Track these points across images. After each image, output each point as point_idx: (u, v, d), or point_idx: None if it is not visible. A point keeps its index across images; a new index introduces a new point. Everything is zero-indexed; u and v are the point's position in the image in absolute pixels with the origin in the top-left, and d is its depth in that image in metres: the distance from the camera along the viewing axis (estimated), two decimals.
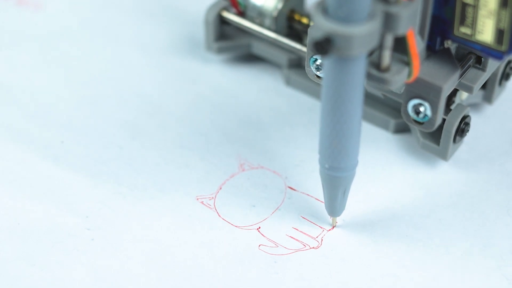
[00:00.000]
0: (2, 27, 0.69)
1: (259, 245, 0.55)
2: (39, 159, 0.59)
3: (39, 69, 0.66)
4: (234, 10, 0.65)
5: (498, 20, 0.49)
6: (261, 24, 0.63)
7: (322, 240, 0.55)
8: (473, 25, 0.51)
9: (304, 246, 0.55)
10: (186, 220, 0.56)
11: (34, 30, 0.69)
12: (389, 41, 0.48)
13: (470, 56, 0.54)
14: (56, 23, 0.70)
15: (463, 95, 0.60)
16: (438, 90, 0.52)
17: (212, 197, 0.57)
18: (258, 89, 0.65)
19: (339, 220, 0.56)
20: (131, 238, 0.55)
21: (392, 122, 0.61)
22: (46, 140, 0.61)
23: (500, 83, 0.61)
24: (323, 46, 0.45)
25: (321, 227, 0.56)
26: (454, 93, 0.59)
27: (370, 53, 0.50)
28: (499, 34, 0.50)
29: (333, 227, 0.56)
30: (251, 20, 0.63)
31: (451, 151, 0.58)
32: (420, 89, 0.53)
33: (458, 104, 0.57)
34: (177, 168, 0.59)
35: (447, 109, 0.57)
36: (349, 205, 0.57)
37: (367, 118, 0.62)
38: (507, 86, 0.64)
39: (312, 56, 0.55)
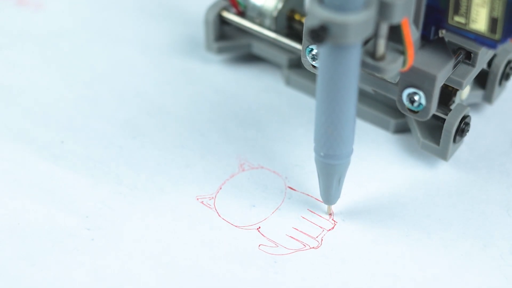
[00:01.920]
0: (2, 27, 0.69)
1: (259, 245, 0.55)
2: (39, 159, 0.59)
3: (39, 69, 0.66)
4: (234, 10, 0.65)
5: (492, 9, 0.50)
6: (261, 24, 0.63)
7: (322, 240, 0.55)
8: (467, 14, 0.51)
9: (304, 246, 0.55)
10: (186, 220, 0.56)
11: (34, 30, 0.69)
12: (384, 29, 0.49)
13: (460, 51, 0.55)
14: (56, 23, 0.70)
15: (463, 95, 0.60)
16: (432, 79, 0.53)
17: (212, 197, 0.57)
18: (258, 89, 0.65)
19: (339, 220, 0.56)
20: (131, 238, 0.55)
21: (392, 122, 0.61)
22: (46, 140, 0.61)
23: (500, 83, 0.61)
24: (319, 34, 0.46)
25: (321, 227, 0.56)
26: (454, 93, 0.59)
27: (366, 42, 0.51)
28: (493, 23, 0.50)
29: (334, 227, 0.56)
30: (251, 20, 0.63)
31: (451, 151, 0.58)
32: (415, 78, 0.53)
33: (458, 104, 0.57)
34: (177, 168, 0.59)
35: (447, 109, 0.57)
36: (349, 205, 0.57)
37: (367, 118, 0.62)
38: (507, 86, 0.64)
39: (308, 46, 0.55)
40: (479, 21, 0.51)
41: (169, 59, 0.67)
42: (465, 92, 0.60)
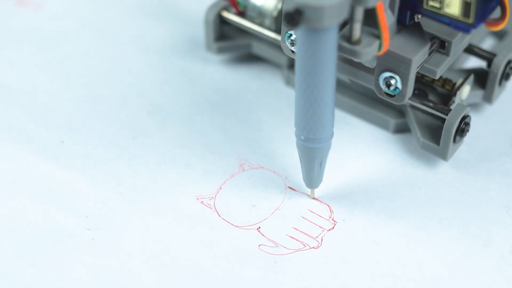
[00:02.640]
0: (2, 27, 0.69)
1: (259, 245, 0.55)
2: (39, 159, 0.59)
3: (39, 69, 0.66)
4: (234, 10, 0.65)
5: None
6: (261, 24, 0.63)
7: (322, 240, 0.55)
8: None
9: (304, 246, 0.55)
10: (186, 220, 0.56)
11: (34, 30, 0.69)
12: (359, 14, 0.50)
13: (434, 40, 0.55)
14: (56, 23, 0.70)
15: (463, 95, 0.60)
16: (408, 63, 0.53)
17: (212, 197, 0.57)
18: (258, 89, 0.65)
19: (339, 219, 0.56)
20: (131, 238, 0.55)
21: (392, 122, 0.61)
22: (46, 140, 0.61)
23: (500, 83, 0.61)
24: (294, 17, 0.47)
25: (321, 227, 0.56)
26: (454, 93, 0.59)
27: (342, 27, 0.52)
28: (466, 7, 0.51)
29: (334, 227, 0.56)
30: (251, 20, 0.63)
31: (451, 151, 0.58)
32: (391, 62, 0.54)
33: (458, 104, 0.57)
34: (177, 168, 0.59)
35: (447, 109, 0.57)
36: (349, 205, 0.57)
37: (367, 118, 0.62)
38: (507, 86, 0.64)
39: (287, 32, 0.56)
40: (453, 5, 0.51)
41: (169, 59, 0.67)
42: (465, 92, 0.60)
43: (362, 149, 0.61)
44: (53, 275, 0.53)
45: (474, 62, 0.66)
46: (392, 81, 0.54)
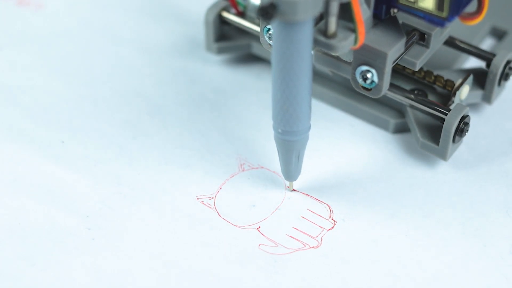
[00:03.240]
0: (2, 27, 0.69)
1: (259, 245, 0.55)
2: (40, 159, 0.59)
3: (39, 69, 0.66)
4: (234, 10, 0.65)
5: None
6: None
7: (322, 239, 0.55)
8: None
9: (304, 246, 0.55)
10: (186, 220, 0.56)
11: (34, 30, 0.69)
12: (334, 7, 0.50)
13: (414, 33, 0.56)
14: (57, 23, 0.70)
15: (462, 95, 0.60)
16: (383, 56, 0.54)
17: (212, 197, 0.57)
18: (258, 89, 0.65)
19: (339, 219, 0.56)
20: (131, 237, 0.55)
21: (391, 122, 0.61)
22: (46, 140, 0.61)
23: (499, 83, 0.61)
24: (268, 11, 0.47)
25: (321, 227, 0.56)
26: (453, 93, 0.59)
27: (318, 21, 0.52)
28: (440, 1, 0.51)
29: (334, 226, 0.56)
30: (251, 20, 0.63)
31: (451, 151, 0.58)
32: (367, 55, 0.54)
33: (458, 104, 0.57)
34: (177, 168, 0.59)
35: (447, 109, 0.57)
36: (349, 205, 0.57)
37: (367, 118, 0.62)
38: (507, 86, 0.64)
39: (265, 26, 0.57)
40: None
41: (169, 59, 0.67)
42: (464, 92, 0.60)
43: (362, 149, 0.61)
44: (54, 275, 0.53)
45: (473, 62, 0.66)
46: (369, 75, 0.55)
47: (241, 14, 0.64)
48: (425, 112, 0.59)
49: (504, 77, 0.61)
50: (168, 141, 0.61)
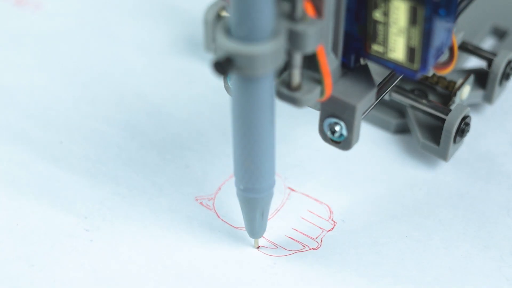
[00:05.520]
0: (2, 27, 0.69)
1: (259, 246, 0.55)
2: (38, 159, 0.59)
3: (38, 69, 0.66)
4: None
5: (409, 38, 0.48)
6: None
7: (321, 241, 0.55)
8: (385, 43, 0.49)
9: (303, 247, 0.55)
10: (185, 221, 0.56)
11: (34, 30, 0.69)
12: (297, 59, 0.46)
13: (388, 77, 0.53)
14: (55, 23, 0.70)
15: (463, 95, 0.60)
16: (352, 109, 0.50)
17: (211, 198, 0.57)
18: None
19: (338, 220, 0.56)
20: (130, 239, 0.55)
21: (392, 122, 0.61)
22: (45, 140, 0.61)
23: (500, 83, 0.60)
24: (223, 66, 0.43)
25: (321, 228, 0.56)
26: (454, 93, 0.59)
27: (281, 71, 0.48)
28: (411, 52, 0.48)
29: (333, 227, 0.56)
30: None
31: (451, 151, 0.58)
32: (335, 107, 0.50)
33: (458, 104, 0.57)
34: (176, 168, 0.59)
35: (447, 109, 0.57)
36: (349, 206, 0.57)
37: (367, 118, 0.62)
38: (508, 86, 0.64)
39: None
40: (397, 50, 0.48)
41: (169, 59, 0.67)
42: (465, 92, 0.60)
43: (362, 149, 0.60)
44: (52, 275, 0.53)
45: (474, 62, 0.66)
46: (337, 128, 0.51)
47: None
48: (425, 113, 0.59)
49: (505, 77, 0.61)
50: (167, 141, 0.61)
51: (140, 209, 0.57)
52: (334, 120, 0.51)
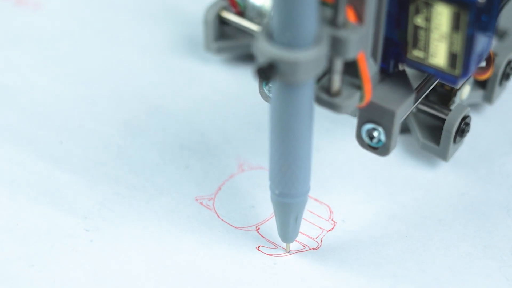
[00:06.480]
0: (2, 27, 0.69)
1: (258, 246, 0.55)
2: (38, 159, 0.59)
3: (38, 69, 0.66)
4: (233, 10, 0.64)
5: (451, 44, 0.48)
6: (260, 24, 0.63)
7: (321, 241, 0.55)
8: (425, 49, 0.49)
9: (303, 247, 0.55)
10: (185, 221, 0.56)
11: (34, 30, 0.69)
12: (338, 65, 0.47)
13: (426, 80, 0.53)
14: (55, 23, 0.70)
15: (463, 95, 0.60)
16: (391, 115, 0.50)
17: (211, 198, 0.57)
18: (258, 89, 0.65)
19: (338, 220, 0.56)
20: (130, 239, 0.55)
21: None
22: (44, 140, 0.61)
23: (500, 83, 0.60)
24: (266, 72, 0.44)
25: (321, 228, 0.56)
26: (454, 93, 0.59)
27: (321, 77, 0.48)
28: (452, 58, 0.48)
29: (333, 227, 0.56)
30: (251, 20, 0.63)
31: (451, 151, 0.58)
32: (373, 113, 0.51)
33: (458, 104, 0.57)
34: (176, 168, 0.59)
35: (447, 109, 0.57)
36: (349, 205, 0.57)
37: None
38: (508, 86, 0.64)
39: None
40: (439, 55, 0.49)
41: (169, 59, 0.67)
42: (465, 92, 0.60)
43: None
44: (52, 276, 0.53)
45: None
46: (375, 133, 0.51)
47: (241, 14, 0.64)
48: (425, 113, 0.59)
49: (505, 77, 0.61)
50: (167, 141, 0.61)
51: (140, 209, 0.57)
52: (372, 125, 0.51)
